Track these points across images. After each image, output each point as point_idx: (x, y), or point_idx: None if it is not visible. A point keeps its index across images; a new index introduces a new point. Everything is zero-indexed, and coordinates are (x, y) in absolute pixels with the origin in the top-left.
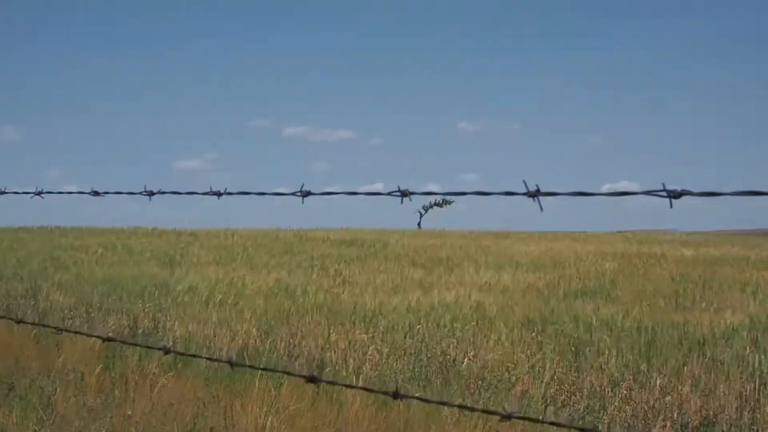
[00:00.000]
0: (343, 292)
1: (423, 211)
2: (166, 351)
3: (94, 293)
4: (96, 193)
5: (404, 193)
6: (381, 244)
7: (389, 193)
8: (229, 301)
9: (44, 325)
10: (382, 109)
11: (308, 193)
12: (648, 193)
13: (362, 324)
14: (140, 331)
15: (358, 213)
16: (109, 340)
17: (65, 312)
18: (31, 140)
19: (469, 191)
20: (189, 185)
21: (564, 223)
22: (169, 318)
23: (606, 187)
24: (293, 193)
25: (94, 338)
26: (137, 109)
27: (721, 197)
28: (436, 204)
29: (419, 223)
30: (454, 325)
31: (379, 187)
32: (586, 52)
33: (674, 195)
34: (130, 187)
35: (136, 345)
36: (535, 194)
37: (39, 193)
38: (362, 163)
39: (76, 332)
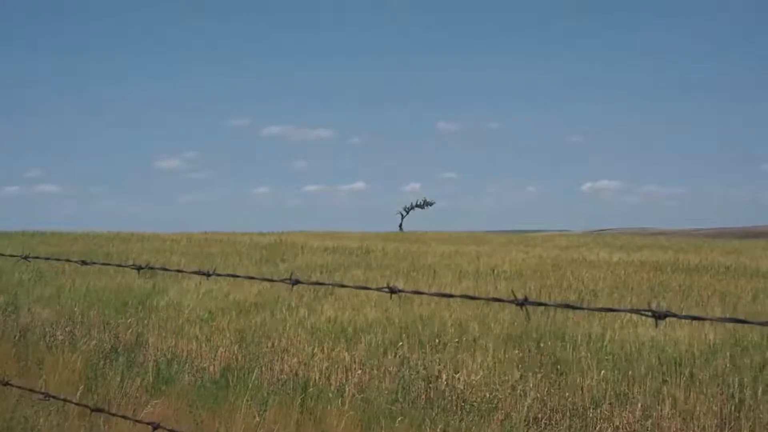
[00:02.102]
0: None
1: (404, 213)
2: (155, 427)
3: (75, 307)
4: (84, 263)
5: (392, 290)
6: (363, 250)
7: (378, 289)
8: (209, 316)
9: (32, 390)
10: (362, 108)
11: (297, 282)
12: (634, 311)
13: (345, 341)
14: (120, 347)
15: (340, 213)
16: (98, 410)
17: (47, 328)
18: (11, 140)
19: (456, 294)
20: (168, 184)
21: (547, 221)
22: (150, 333)
23: (587, 186)
24: (282, 280)
25: (76, 355)
26: (117, 110)
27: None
28: (417, 205)
29: (401, 225)
30: (437, 342)
31: (359, 185)
32: (566, 52)
33: (659, 316)
34: (113, 184)
35: (125, 417)
36: (522, 303)
37: (26, 258)
38: (342, 162)
39: (64, 400)
